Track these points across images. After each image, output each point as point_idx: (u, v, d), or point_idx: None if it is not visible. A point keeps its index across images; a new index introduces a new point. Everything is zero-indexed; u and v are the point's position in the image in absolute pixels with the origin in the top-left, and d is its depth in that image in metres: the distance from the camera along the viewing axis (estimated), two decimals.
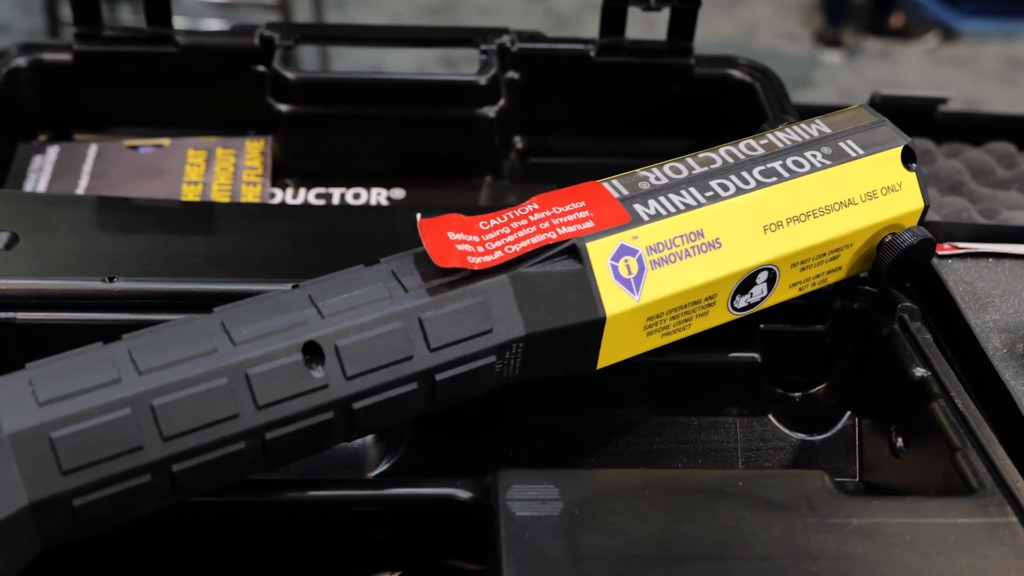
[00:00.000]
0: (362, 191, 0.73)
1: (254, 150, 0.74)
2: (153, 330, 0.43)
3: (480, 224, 0.47)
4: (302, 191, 0.73)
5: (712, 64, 0.75)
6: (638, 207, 0.48)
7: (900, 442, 0.52)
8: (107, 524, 0.41)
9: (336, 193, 0.73)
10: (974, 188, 0.74)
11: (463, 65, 2.23)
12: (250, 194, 0.72)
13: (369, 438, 0.54)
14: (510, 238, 0.46)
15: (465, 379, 0.45)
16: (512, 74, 0.74)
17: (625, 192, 0.49)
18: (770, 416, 0.56)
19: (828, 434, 0.56)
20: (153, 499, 0.41)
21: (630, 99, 0.76)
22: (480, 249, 0.46)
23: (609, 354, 0.48)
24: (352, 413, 0.43)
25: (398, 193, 0.73)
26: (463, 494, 0.45)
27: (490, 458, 0.54)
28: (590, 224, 0.47)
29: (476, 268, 0.45)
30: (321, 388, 0.42)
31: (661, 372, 0.54)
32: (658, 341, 0.50)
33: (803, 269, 0.51)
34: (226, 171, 0.73)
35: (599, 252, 0.46)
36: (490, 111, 0.73)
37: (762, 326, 0.55)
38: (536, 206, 0.48)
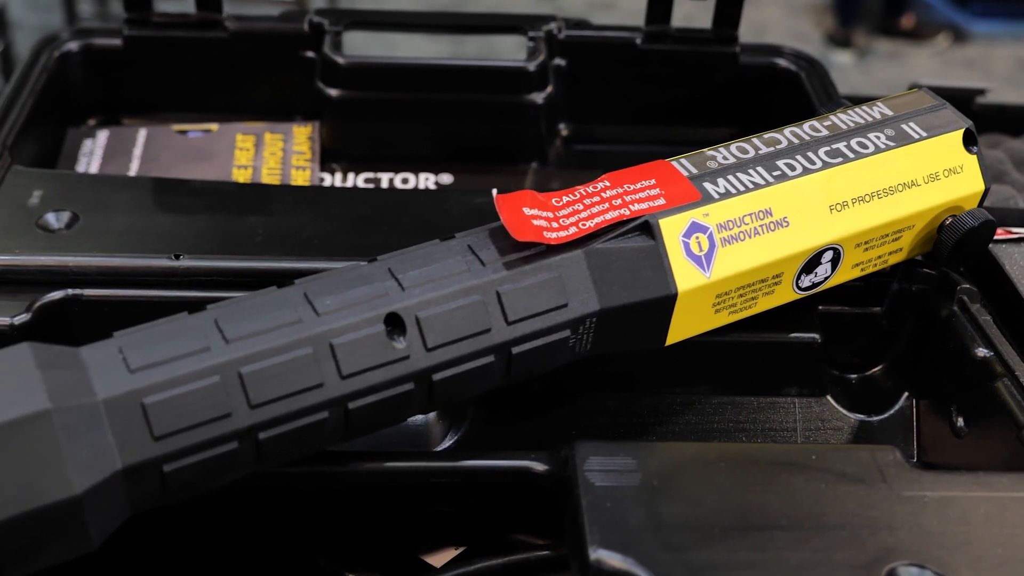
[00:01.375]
0: (410, 176, 0.73)
1: (302, 135, 0.75)
2: (236, 301, 0.43)
3: (553, 201, 0.47)
4: (350, 176, 0.74)
5: (757, 53, 0.76)
6: (708, 185, 0.49)
7: (961, 422, 0.52)
8: (192, 491, 0.42)
9: (384, 178, 0.73)
10: (1017, 177, 0.75)
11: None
12: (300, 178, 0.72)
13: (432, 415, 0.54)
14: (583, 214, 0.47)
15: (540, 353, 0.46)
16: (559, 61, 0.75)
17: (694, 171, 0.49)
18: (828, 397, 0.56)
19: (886, 415, 0.56)
20: (238, 467, 0.42)
21: (675, 87, 0.77)
22: (555, 225, 0.46)
23: (678, 331, 0.49)
24: (431, 384, 0.44)
25: (446, 178, 0.73)
26: (539, 466, 0.46)
27: (552, 435, 0.54)
28: (661, 201, 0.48)
29: (552, 243, 0.45)
30: (403, 359, 0.43)
31: (721, 352, 0.54)
32: (725, 319, 0.50)
33: (866, 249, 0.52)
34: (275, 155, 0.73)
35: (671, 229, 0.47)
36: (538, 97, 0.73)
37: (820, 308, 0.56)
38: (608, 183, 0.48)
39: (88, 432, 0.38)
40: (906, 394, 0.56)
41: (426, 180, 0.73)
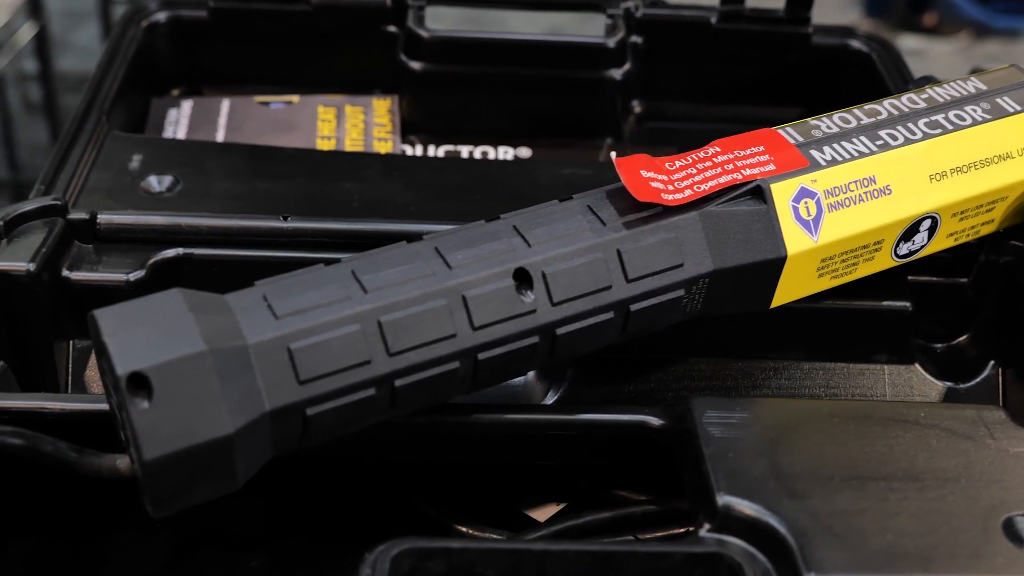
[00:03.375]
0: (489, 149, 0.75)
1: (381, 108, 0.76)
2: (370, 254, 0.45)
3: (666, 165, 0.49)
4: (430, 148, 0.75)
5: (830, 34, 0.77)
6: (814, 152, 0.50)
7: None
8: (329, 436, 0.43)
9: (464, 150, 0.75)
10: None
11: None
12: (382, 150, 0.73)
13: (532, 375, 0.56)
14: (697, 178, 0.48)
15: (656, 311, 0.47)
16: (635, 38, 0.76)
17: (800, 138, 0.51)
18: (916, 364, 0.57)
19: (973, 382, 0.57)
20: (373, 413, 0.43)
21: (747, 66, 0.78)
22: (670, 187, 0.48)
23: (783, 294, 0.50)
24: (555, 339, 0.45)
25: (524, 152, 0.75)
26: (655, 421, 0.47)
27: (648, 397, 0.56)
28: (771, 167, 0.49)
29: (669, 204, 0.47)
30: (530, 312, 0.44)
31: (814, 318, 0.56)
32: (826, 283, 0.52)
33: (961, 219, 0.53)
34: (357, 127, 0.75)
35: (782, 193, 0.48)
36: (616, 74, 0.75)
37: (909, 277, 0.57)
38: (718, 149, 0.50)
39: (239, 374, 0.40)
40: (992, 362, 0.58)
41: (504, 153, 0.75)
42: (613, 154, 0.48)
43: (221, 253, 0.56)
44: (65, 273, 0.54)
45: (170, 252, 0.55)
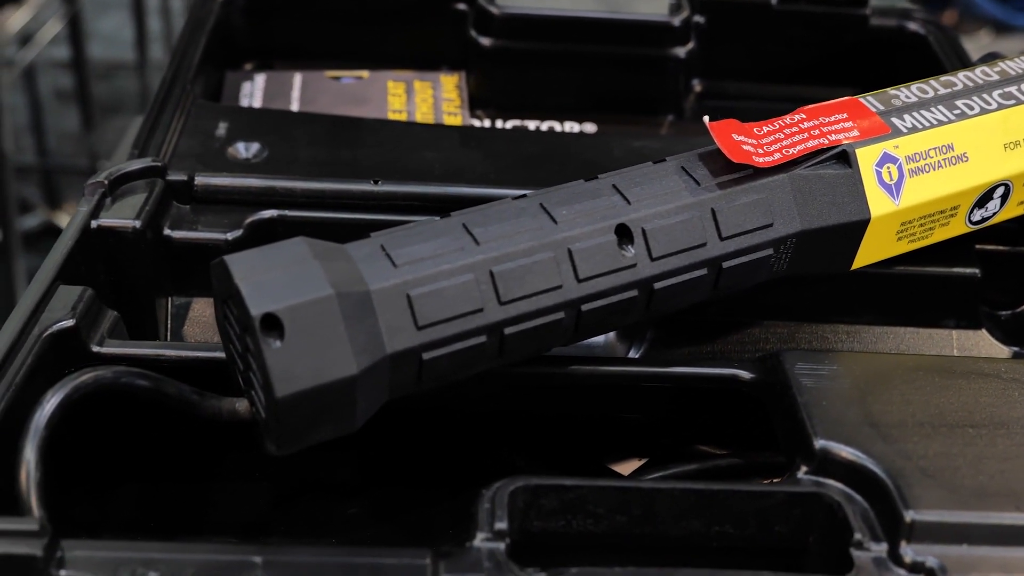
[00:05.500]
0: (555, 124, 0.77)
1: (449, 83, 0.78)
2: (479, 208, 0.47)
3: (755, 129, 0.51)
4: (498, 123, 0.77)
5: (887, 15, 0.79)
6: (895, 120, 0.52)
7: None
8: (439, 382, 0.45)
9: (531, 125, 0.77)
10: None
11: None
12: (452, 124, 0.75)
13: (612, 335, 0.58)
14: (785, 142, 0.50)
15: (746, 269, 0.49)
16: (698, 18, 0.78)
17: (881, 107, 0.53)
18: (984, 330, 0.59)
19: None
20: (482, 360, 0.45)
21: (806, 47, 0.80)
22: (760, 151, 0.50)
23: (863, 256, 0.52)
24: (652, 293, 0.47)
25: (589, 127, 0.77)
26: (745, 374, 0.49)
27: (728, 357, 0.58)
28: (855, 133, 0.51)
29: (761, 166, 0.49)
30: (630, 267, 0.46)
31: (885, 283, 0.58)
32: (904, 247, 0.54)
33: None
34: (426, 102, 0.77)
35: (866, 158, 0.50)
36: (680, 52, 0.77)
37: (977, 246, 0.59)
38: (804, 116, 0.52)
39: (363, 318, 0.42)
40: None
41: (570, 128, 0.76)
42: (706, 118, 0.50)
43: (314, 215, 0.58)
44: (167, 232, 0.56)
45: (266, 213, 0.57)
